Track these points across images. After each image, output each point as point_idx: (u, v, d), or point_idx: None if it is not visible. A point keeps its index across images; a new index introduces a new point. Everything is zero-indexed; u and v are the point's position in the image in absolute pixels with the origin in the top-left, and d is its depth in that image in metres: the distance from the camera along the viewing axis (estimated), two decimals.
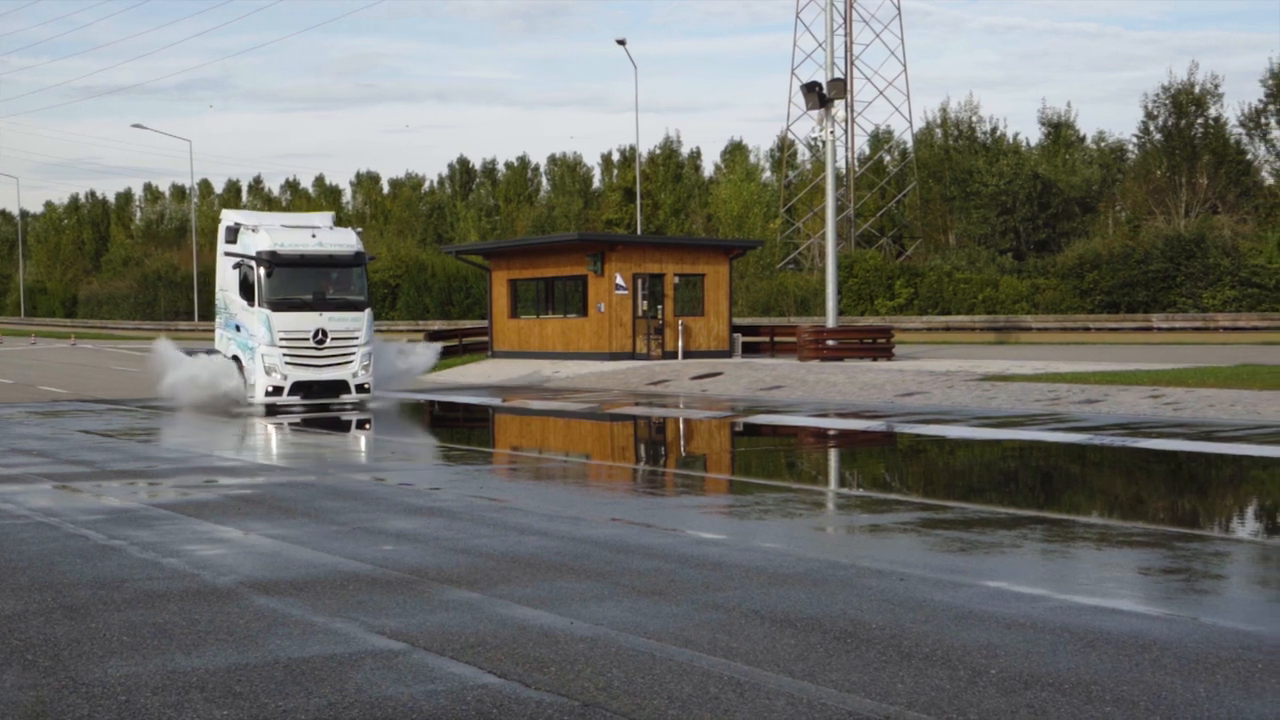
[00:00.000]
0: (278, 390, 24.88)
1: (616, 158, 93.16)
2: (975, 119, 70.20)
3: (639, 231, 62.46)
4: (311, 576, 8.63)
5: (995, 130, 70.27)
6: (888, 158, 71.68)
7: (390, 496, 12.79)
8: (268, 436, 20.87)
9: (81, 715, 5.67)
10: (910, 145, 69.13)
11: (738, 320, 41.48)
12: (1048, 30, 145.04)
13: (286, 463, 16.90)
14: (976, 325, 50.17)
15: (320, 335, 25.03)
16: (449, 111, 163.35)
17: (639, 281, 35.40)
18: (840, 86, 32.67)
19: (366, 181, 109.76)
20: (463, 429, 24.06)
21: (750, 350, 37.56)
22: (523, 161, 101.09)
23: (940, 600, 7.66)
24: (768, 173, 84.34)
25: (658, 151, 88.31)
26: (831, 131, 33.47)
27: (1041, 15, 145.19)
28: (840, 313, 37.83)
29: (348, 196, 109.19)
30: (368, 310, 25.89)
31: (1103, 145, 68.01)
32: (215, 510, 11.77)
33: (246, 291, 25.33)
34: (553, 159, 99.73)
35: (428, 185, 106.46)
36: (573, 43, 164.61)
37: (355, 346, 25.43)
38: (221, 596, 8.03)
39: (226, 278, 26.35)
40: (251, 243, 25.39)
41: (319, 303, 25.27)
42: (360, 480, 14.22)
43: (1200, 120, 57.65)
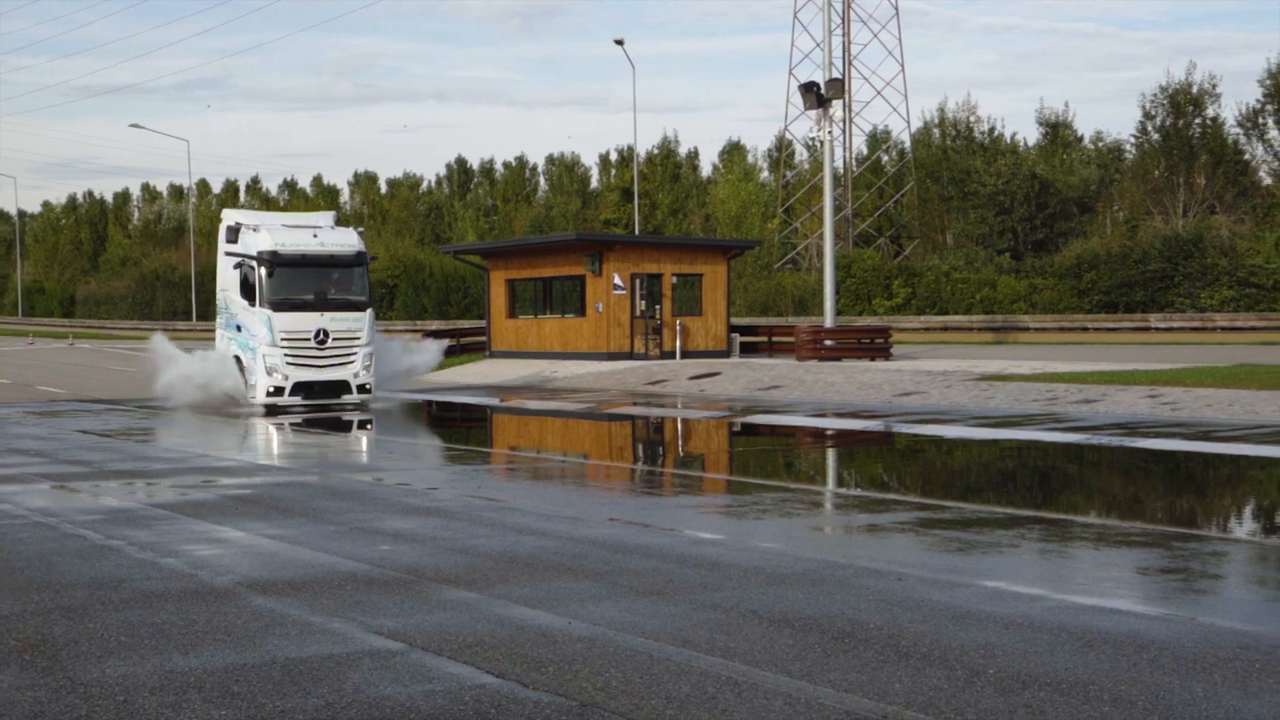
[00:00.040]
0: (279, 390, 24.86)
1: (614, 158, 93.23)
2: (973, 119, 70.27)
3: (637, 231, 62.52)
4: (309, 576, 8.63)
5: (993, 130, 70.36)
6: (885, 158, 71.71)
7: (388, 496, 12.79)
8: (266, 436, 20.86)
9: (79, 715, 5.67)
10: (908, 145, 69.16)
11: (735, 320, 41.47)
12: (1045, 30, 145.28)
13: (284, 463, 16.90)
14: (974, 325, 50.19)
15: (322, 335, 25.01)
16: (447, 111, 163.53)
17: (637, 281, 35.40)
18: (838, 86, 32.67)
19: (364, 181, 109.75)
20: (460, 429, 24.06)
21: (748, 350, 37.56)
22: (520, 161, 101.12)
23: (938, 600, 7.66)
24: (765, 173, 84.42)
25: (655, 151, 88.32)
26: (829, 131, 33.49)
27: (1039, 15, 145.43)
28: (838, 313, 37.87)
29: (345, 196, 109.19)
30: (369, 310, 25.87)
31: (1100, 145, 68.07)
32: (213, 510, 11.77)
33: (247, 291, 25.29)
34: (550, 159, 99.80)
35: (425, 185, 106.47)
36: (571, 43, 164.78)
37: (357, 347, 25.41)
38: (219, 596, 8.03)
39: (227, 278, 26.30)
40: (252, 242, 25.34)
41: (320, 303, 25.24)
42: (358, 480, 14.22)
43: (1198, 120, 57.68)
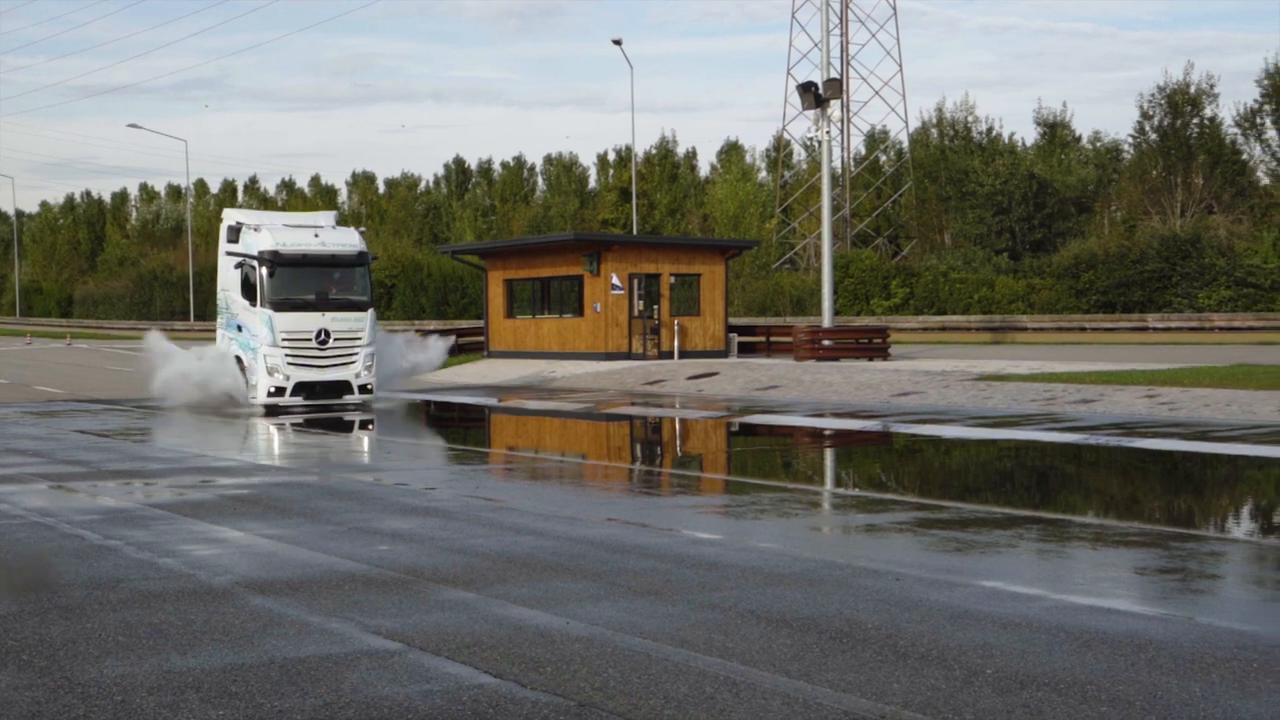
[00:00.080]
0: (280, 391, 24.75)
1: (612, 158, 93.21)
2: (971, 119, 70.29)
3: (635, 231, 62.53)
4: (307, 576, 8.62)
5: (991, 130, 70.38)
6: (883, 158, 71.72)
7: (386, 496, 12.79)
8: (264, 436, 20.85)
9: (77, 716, 5.66)
10: (906, 145, 69.17)
11: (734, 320, 41.47)
12: (1043, 30, 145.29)
13: (282, 462, 16.89)
14: (972, 325, 50.20)
15: (323, 336, 24.90)
16: (445, 111, 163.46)
17: (635, 281, 35.39)
18: (836, 86, 32.68)
19: (362, 181, 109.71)
20: (459, 429, 24.05)
21: (746, 350, 37.55)
22: (519, 161, 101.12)
23: (936, 600, 7.66)
24: (763, 173, 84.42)
25: (654, 151, 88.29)
26: (827, 131, 33.50)
27: (1037, 15, 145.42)
28: (836, 313, 37.86)
29: (344, 196, 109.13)
30: (371, 310, 25.75)
31: (1098, 145, 68.10)
32: (211, 510, 11.76)
33: (248, 291, 25.17)
34: (549, 159, 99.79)
35: (423, 185, 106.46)
36: (569, 43, 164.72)
37: (358, 347, 25.30)
38: (217, 596, 8.02)
39: (228, 278, 26.17)
40: (254, 242, 25.22)
41: (322, 303, 25.12)
42: (356, 480, 14.22)
43: (1196, 120, 57.70)
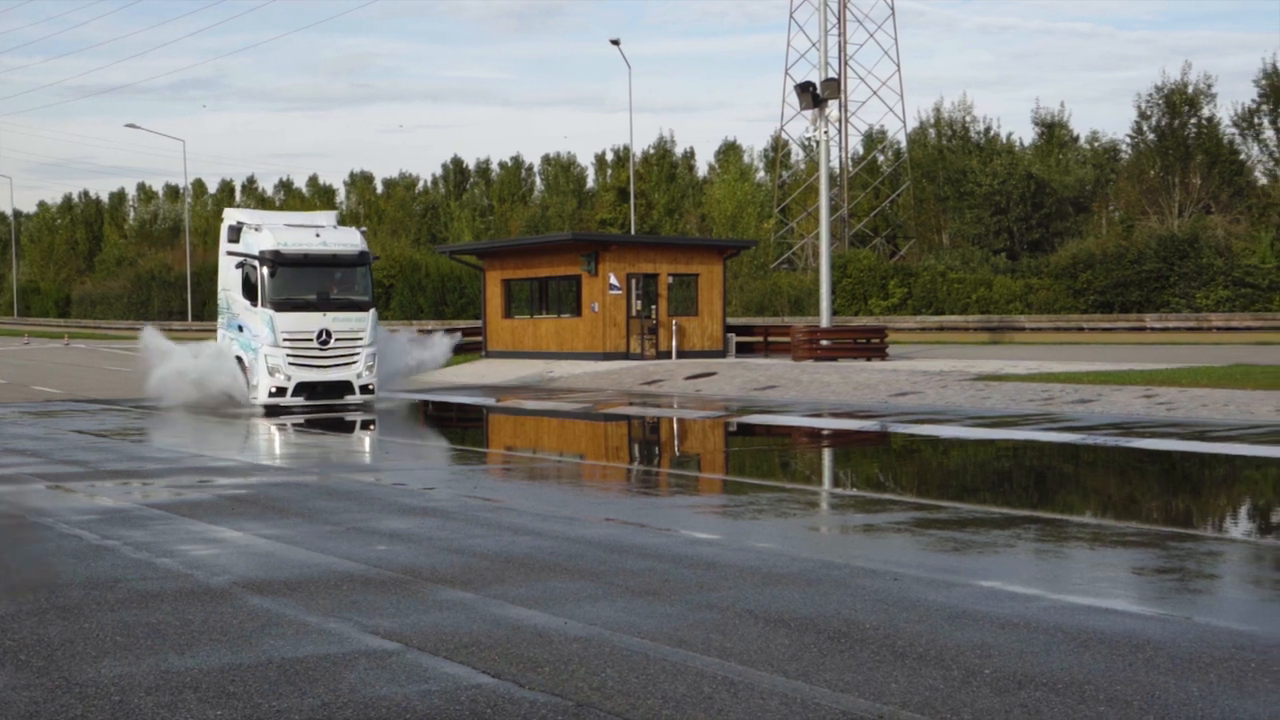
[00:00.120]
0: (281, 391, 24.64)
1: (610, 158, 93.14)
2: (969, 119, 70.31)
3: (633, 231, 62.53)
4: (305, 576, 8.62)
5: (989, 130, 70.39)
6: (881, 158, 71.72)
7: (384, 496, 12.78)
8: (262, 436, 20.84)
9: (75, 716, 5.66)
10: (904, 145, 69.18)
11: (732, 320, 41.47)
12: (1041, 30, 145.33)
13: (280, 462, 16.89)
14: (970, 325, 50.21)
15: (324, 336, 24.80)
16: (443, 111, 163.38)
17: (633, 281, 35.39)
18: (834, 86, 32.69)
19: (360, 181, 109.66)
20: (457, 429, 24.04)
21: (744, 350, 37.56)
22: (516, 161, 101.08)
23: (934, 600, 7.66)
24: (761, 173, 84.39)
25: (652, 151, 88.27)
26: (825, 131, 33.51)
27: (1035, 15, 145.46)
28: (834, 313, 37.86)
29: (341, 196, 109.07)
30: (372, 310, 25.63)
31: (1096, 145, 68.11)
32: (209, 510, 11.76)
33: (249, 291, 25.05)
34: (546, 159, 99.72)
35: (421, 185, 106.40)
36: (567, 43, 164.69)
37: (360, 347, 25.18)
38: (215, 596, 8.02)
39: (229, 277, 26.05)
40: (255, 242, 25.10)
41: (323, 303, 25.02)
42: (355, 480, 14.21)
43: (1193, 120, 57.72)
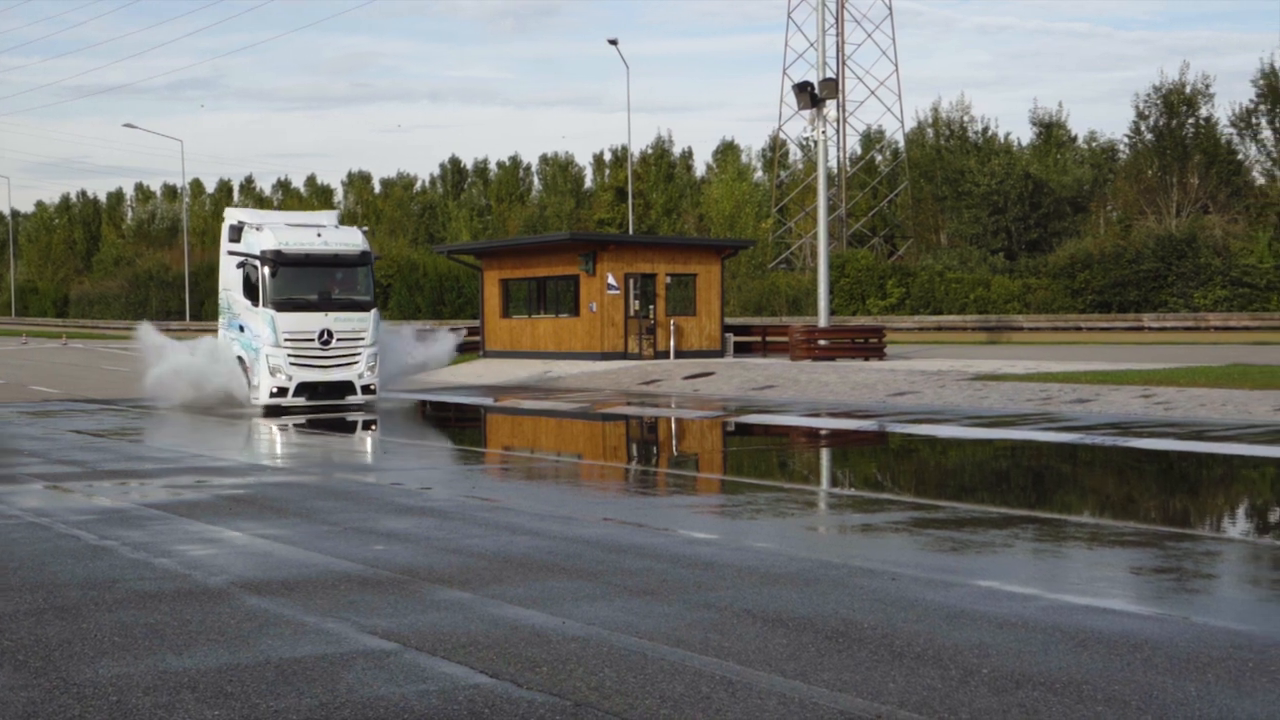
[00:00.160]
0: (282, 391, 24.47)
1: (608, 157, 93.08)
2: (967, 119, 70.31)
3: (631, 231, 62.51)
4: (303, 576, 8.62)
5: (987, 130, 70.38)
6: (879, 157, 71.73)
7: (382, 496, 12.78)
8: (260, 437, 20.83)
9: (73, 716, 5.66)
10: (902, 145, 69.19)
11: (730, 320, 41.49)
12: (1039, 30, 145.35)
13: (278, 462, 16.89)
14: (968, 325, 50.22)
15: (326, 336, 24.63)
16: (441, 111, 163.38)
17: (631, 281, 35.39)
18: (832, 86, 32.70)
19: (358, 181, 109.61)
20: (455, 429, 24.03)
21: (742, 350, 37.57)
22: (514, 161, 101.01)
23: (932, 600, 7.67)
24: (759, 172, 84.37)
25: (650, 151, 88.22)
26: (823, 131, 33.52)
27: (1033, 15, 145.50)
28: (832, 312, 37.86)
29: (339, 196, 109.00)
30: (374, 310, 25.45)
31: (1094, 145, 68.13)
32: (207, 510, 11.75)
33: (250, 291, 24.89)
34: (544, 159, 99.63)
35: (419, 185, 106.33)
36: (565, 42, 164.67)
37: (361, 347, 24.98)
38: (213, 597, 8.01)
39: (230, 277, 25.87)
40: (256, 241, 24.94)
41: (324, 303, 24.85)
42: (353, 480, 14.21)
43: (1191, 120, 57.73)
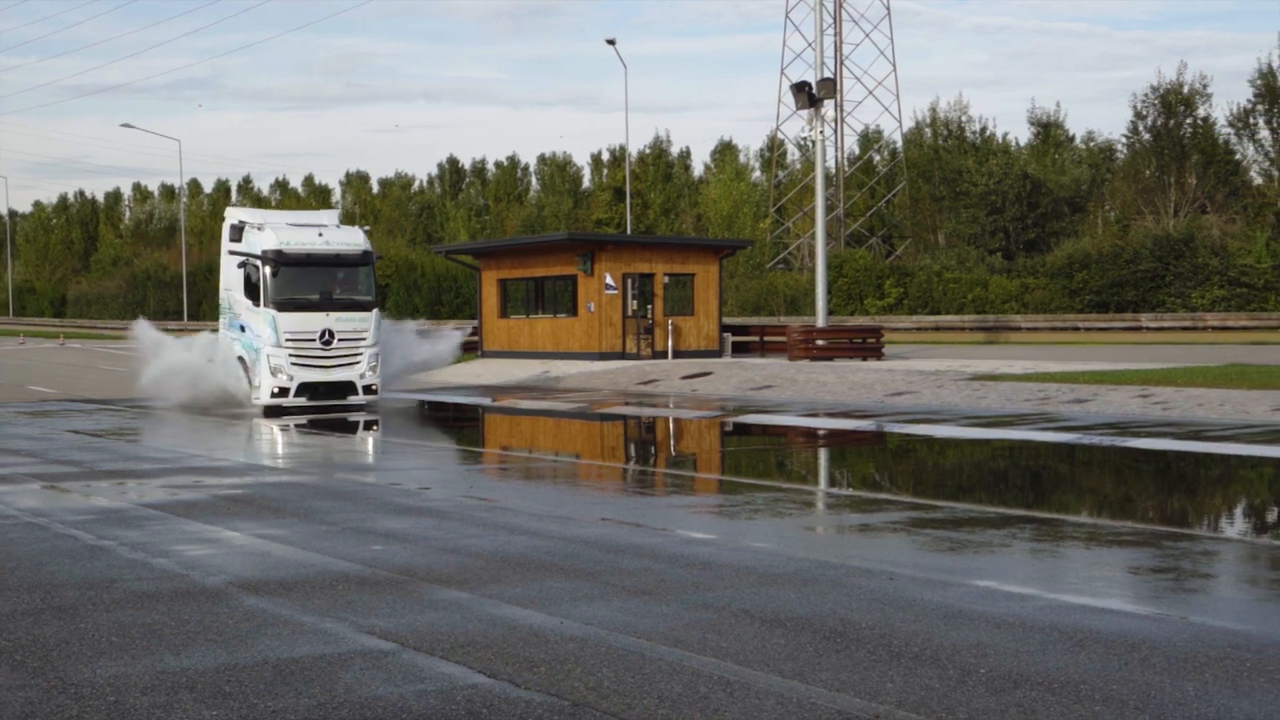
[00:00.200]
0: (284, 391, 24.35)
1: (606, 157, 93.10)
2: (964, 119, 70.34)
3: (629, 231, 62.49)
4: (301, 576, 8.62)
5: (984, 130, 70.41)
6: (877, 157, 71.74)
7: (380, 496, 12.78)
8: (259, 437, 20.83)
9: (70, 716, 5.65)
10: (900, 145, 69.19)
11: (727, 320, 41.49)
12: (1037, 30, 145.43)
13: (277, 462, 16.88)
14: (966, 325, 50.23)
15: (327, 336, 24.49)
16: (438, 111, 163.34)
17: (629, 281, 35.40)
18: (830, 86, 32.71)
19: (356, 181, 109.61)
20: (453, 428, 24.01)
21: (740, 350, 37.58)
22: (512, 161, 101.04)
23: (930, 600, 7.67)
24: (757, 172, 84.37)
25: (647, 151, 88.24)
26: (821, 131, 33.53)
27: (1030, 15, 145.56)
28: (830, 312, 37.89)
29: (337, 196, 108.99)
30: (375, 310, 25.32)
31: (1092, 145, 68.18)
32: (204, 510, 11.75)
33: (251, 291, 24.77)
34: (542, 159, 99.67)
35: (417, 185, 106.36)
36: (562, 42, 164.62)
37: (363, 347, 24.84)
38: (211, 597, 8.01)
39: (231, 277, 25.75)
40: (257, 241, 24.81)
41: (326, 303, 24.72)
42: (351, 480, 14.21)
43: (1189, 120, 57.76)
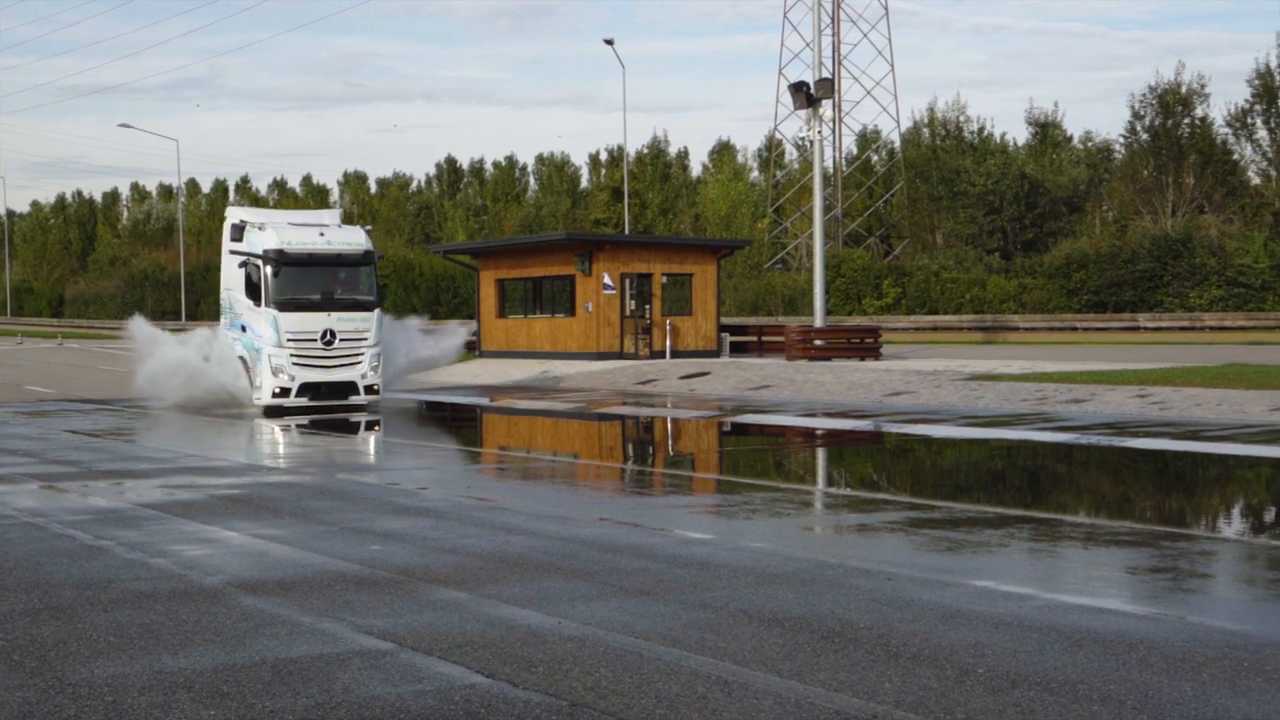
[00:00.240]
0: (285, 391, 24.23)
1: (604, 157, 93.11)
2: (962, 119, 70.40)
3: (627, 231, 62.45)
4: (299, 576, 8.61)
5: (982, 130, 70.50)
6: (875, 157, 71.75)
7: (378, 496, 12.77)
8: (258, 437, 20.81)
9: (68, 716, 5.65)
10: (898, 145, 69.21)
11: (725, 320, 41.50)
12: (1034, 30, 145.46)
13: (274, 462, 16.87)
14: (964, 325, 50.25)
15: (328, 336, 24.38)
16: (437, 111, 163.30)
17: (627, 281, 35.40)
18: (828, 86, 32.71)
19: (354, 181, 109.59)
20: (451, 428, 23.99)
21: (738, 350, 37.58)
22: (510, 161, 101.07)
23: (928, 600, 7.67)
24: (755, 172, 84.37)
25: (645, 151, 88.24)
26: (819, 131, 33.52)
27: (1028, 15, 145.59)
28: (828, 312, 37.89)
29: (335, 196, 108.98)
30: (377, 310, 25.17)
31: (1090, 145, 68.19)
32: (202, 510, 11.74)
33: (252, 291, 24.64)
34: (540, 159, 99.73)
35: (415, 185, 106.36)
36: (560, 42, 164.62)
37: (364, 347, 24.71)
38: (209, 596, 8.01)
39: (232, 277, 25.63)
40: (258, 241, 24.72)
41: (327, 303, 24.60)
42: (349, 480, 14.20)
43: (1187, 120, 57.80)
